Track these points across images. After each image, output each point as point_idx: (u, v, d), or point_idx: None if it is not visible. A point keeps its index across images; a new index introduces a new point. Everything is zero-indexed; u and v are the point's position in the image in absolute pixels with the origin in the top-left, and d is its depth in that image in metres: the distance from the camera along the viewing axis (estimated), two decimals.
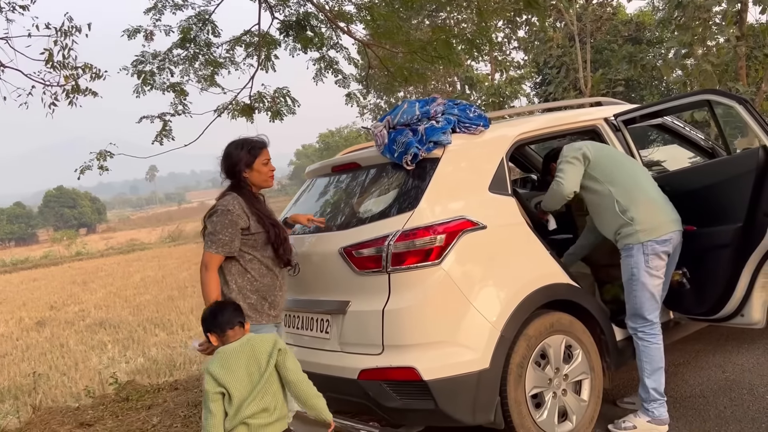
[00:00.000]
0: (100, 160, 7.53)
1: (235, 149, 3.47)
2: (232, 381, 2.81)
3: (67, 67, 6.51)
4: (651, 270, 3.79)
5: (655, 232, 3.79)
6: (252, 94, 8.49)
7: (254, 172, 3.47)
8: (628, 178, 3.94)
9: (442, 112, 3.80)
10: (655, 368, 3.84)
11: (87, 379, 10.81)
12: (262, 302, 3.38)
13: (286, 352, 2.91)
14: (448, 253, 3.39)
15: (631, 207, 3.84)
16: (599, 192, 3.94)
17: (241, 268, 3.37)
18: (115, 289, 24.44)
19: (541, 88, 26.03)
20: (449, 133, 3.69)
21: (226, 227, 3.30)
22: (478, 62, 24.34)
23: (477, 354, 3.34)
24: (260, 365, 2.85)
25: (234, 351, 2.89)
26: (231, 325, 2.97)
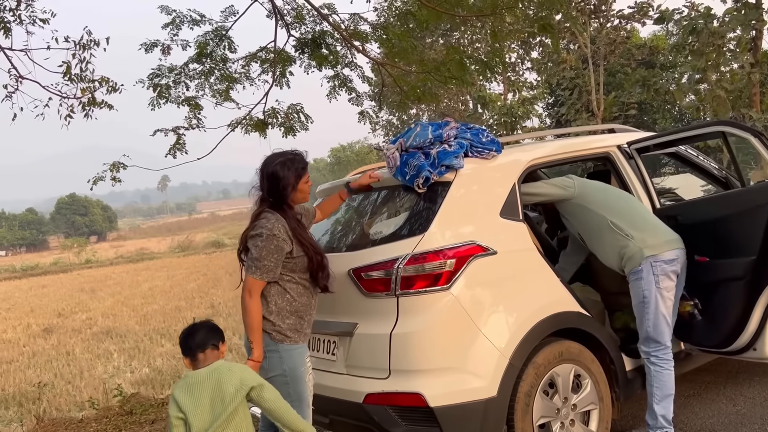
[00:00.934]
0: (113, 171, 7.57)
1: (283, 169, 3.30)
2: (193, 409, 2.74)
3: (85, 80, 6.57)
4: (662, 291, 3.77)
5: (659, 249, 3.79)
6: (266, 109, 8.54)
7: (297, 193, 3.36)
8: (621, 203, 4.00)
9: (455, 136, 3.80)
10: (666, 395, 3.79)
11: (92, 388, 10.82)
12: (300, 322, 3.29)
13: (260, 387, 2.81)
14: (457, 278, 3.37)
15: (626, 226, 3.87)
16: (592, 217, 3.99)
17: (280, 289, 3.27)
18: (123, 297, 24.52)
19: (554, 109, 26.04)
20: (461, 157, 3.68)
21: (271, 253, 3.18)
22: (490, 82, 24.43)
23: (485, 382, 3.31)
24: (224, 398, 2.75)
25: (200, 379, 2.81)
26: (202, 348, 2.88)
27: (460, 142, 3.75)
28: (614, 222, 3.91)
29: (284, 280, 3.27)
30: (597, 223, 3.99)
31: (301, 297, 3.30)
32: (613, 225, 3.90)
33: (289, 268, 3.27)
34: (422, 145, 3.77)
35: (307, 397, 3.27)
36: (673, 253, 3.81)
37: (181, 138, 8.11)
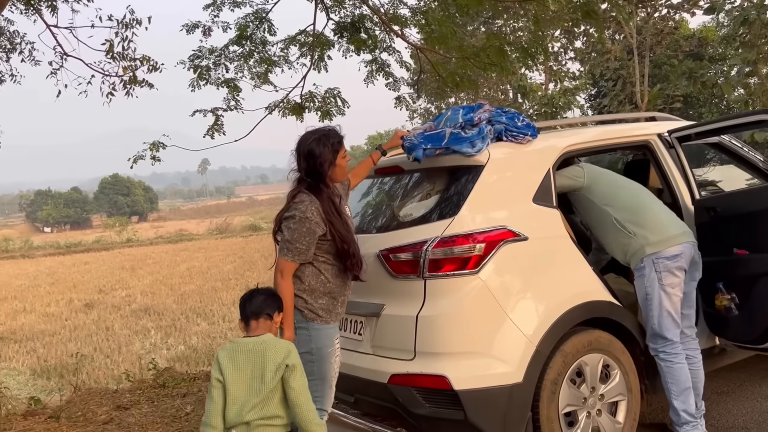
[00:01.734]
0: (153, 151, 7.70)
1: (318, 146, 3.24)
2: (232, 377, 2.76)
3: (126, 59, 6.69)
4: (666, 287, 3.69)
5: (661, 245, 3.72)
6: (303, 93, 8.57)
7: (336, 168, 3.29)
8: (627, 199, 3.93)
9: (487, 119, 3.74)
10: (682, 389, 3.71)
11: (129, 363, 11.09)
12: (333, 303, 3.28)
13: (294, 368, 2.79)
14: (486, 263, 3.34)
15: (630, 223, 3.82)
16: (597, 212, 3.96)
17: (315, 270, 3.25)
18: (161, 277, 25.02)
19: (596, 100, 25.56)
20: (478, 143, 3.58)
21: (303, 236, 3.15)
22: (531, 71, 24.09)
23: (511, 367, 3.29)
24: (264, 375, 2.75)
25: (246, 348, 2.81)
26: (256, 316, 2.89)
27: (481, 128, 3.67)
28: (617, 218, 3.86)
29: (319, 261, 3.25)
30: (601, 218, 3.96)
31: (335, 279, 3.28)
32: (617, 221, 3.85)
33: (324, 249, 3.24)
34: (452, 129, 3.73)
35: (331, 378, 3.27)
36: (678, 249, 3.71)
37: (220, 119, 8.19)
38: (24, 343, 14.96)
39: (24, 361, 13.19)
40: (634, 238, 3.79)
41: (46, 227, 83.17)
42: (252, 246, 34.24)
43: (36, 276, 29.49)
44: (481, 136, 3.61)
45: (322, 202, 3.21)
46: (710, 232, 4.02)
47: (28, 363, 13.01)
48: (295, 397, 2.77)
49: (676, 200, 4.24)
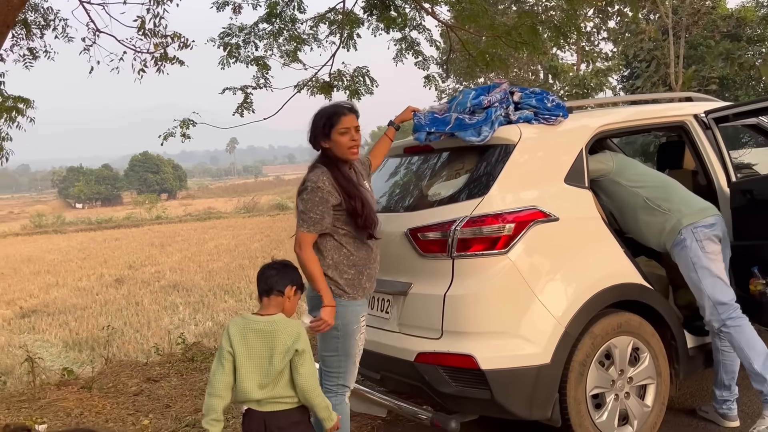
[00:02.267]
0: (183, 128, 7.74)
1: (315, 118, 3.32)
2: (242, 354, 2.73)
3: (158, 35, 6.71)
4: (710, 255, 3.67)
5: (696, 216, 3.73)
6: (332, 71, 8.54)
7: (333, 143, 3.26)
8: (655, 179, 3.96)
9: (499, 100, 3.65)
10: (760, 351, 3.61)
11: (158, 338, 11.30)
12: (359, 276, 3.25)
13: (302, 353, 2.74)
14: (516, 243, 3.31)
15: (662, 200, 3.83)
16: (627, 195, 3.95)
17: (336, 243, 3.24)
18: (190, 254, 25.36)
19: (629, 81, 25.08)
20: (485, 130, 3.51)
21: (316, 205, 3.15)
22: (563, 51, 23.71)
23: (538, 348, 3.27)
24: (273, 357, 2.72)
25: (256, 327, 2.77)
26: (267, 293, 2.85)
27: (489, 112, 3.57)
28: (649, 198, 3.85)
29: (339, 234, 3.24)
30: (631, 201, 3.93)
31: (359, 251, 3.26)
32: (648, 201, 3.85)
33: (343, 221, 3.23)
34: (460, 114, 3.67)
35: (354, 355, 3.27)
36: (712, 219, 3.75)
37: (249, 97, 8.21)
38: (56, 317, 15.33)
39: (56, 334, 13.52)
40: (669, 214, 3.79)
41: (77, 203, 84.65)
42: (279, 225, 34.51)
43: (68, 251, 30.12)
44: (488, 120, 3.54)
45: (333, 171, 3.22)
46: (746, 215, 3.93)
47: (61, 335, 13.34)
48: (303, 383, 2.74)
49: (711, 183, 4.15)
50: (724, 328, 3.67)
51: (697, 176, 4.45)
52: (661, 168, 4.86)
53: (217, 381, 2.74)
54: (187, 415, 4.71)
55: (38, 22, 7.04)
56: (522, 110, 3.67)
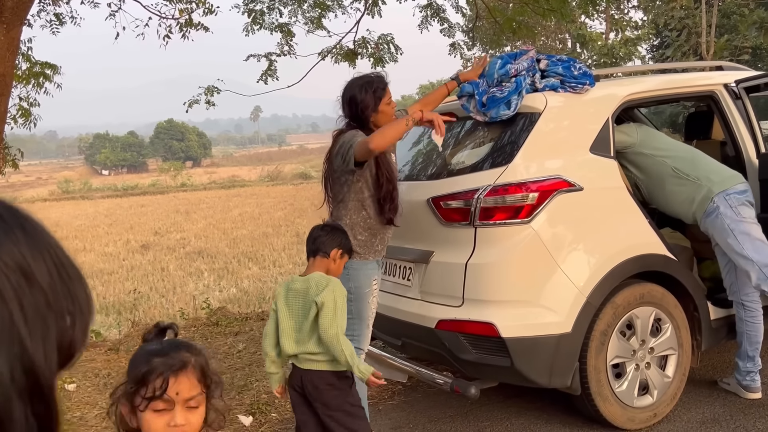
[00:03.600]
0: (208, 95, 7.77)
1: (360, 92, 3.30)
2: (283, 313, 2.86)
3: (183, 1, 6.70)
4: (746, 219, 3.63)
5: (728, 182, 3.68)
6: (356, 39, 8.47)
7: (379, 114, 3.31)
8: (682, 149, 3.92)
9: (526, 68, 3.61)
10: None
11: (183, 303, 11.49)
12: (372, 239, 3.30)
13: (322, 306, 2.76)
14: (539, 213, 3.30)
15: (690, 170, 3.78)
16: (654, 165, 3.91)
17: (358, 205, 3.28)
18: (214, 221, 25.62)
19: (659, 51, 24.54)
20: (514, 101, 3.48)
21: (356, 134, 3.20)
22: (592, 19, 23.21)
23: (560, 317, 3.28)
24: (306, 310, 2.81)
25: (296, 286, 2.86)
26: (313, 253, 2.93)
27: (518, 80, 3.54)
28: (677, 167, 3.80)
29: (364, 196, 3.27)
30: (659, 171, 3.88)
31: (377, 216, 3.30)
32: (676, 171, 3.80)
33: (370, 184, 3.27)
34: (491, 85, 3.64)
35: (368, 317, 3.33)
36: (742, 185, 3.71)
37: (273, 64, 8.19)
38: None
39: None
40: (698, 183, 3.75)
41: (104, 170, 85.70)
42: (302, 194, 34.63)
43: (95, 217, 30.59)
44: (518, 91, 3.51)
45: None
46: None
47: None
48: (322, 334, 2.76)
49: (740, 154, 4.08)
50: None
51: (725, 147, 4.37)
52: (689, 138, 4.79)
53: (265, 339, 2.93)
54: None
55: None
56: (548, 78, 3.63)
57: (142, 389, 1.48)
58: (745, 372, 3.83)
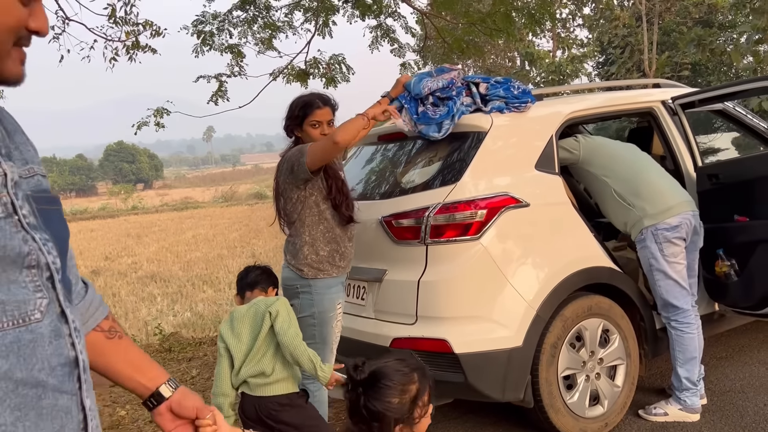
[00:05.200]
0: (157, 117, 7.69)
1: (290, 106, 3.39)
2: (234, 343, 2.84)
3: (129, 23, 6.64)
4: (668, 258, 3.72)
5: (660, 217, 3.72)
6: (308, 59, 8.52)
7: (304, 133, 3.35)
8: (625, 169, 3.91)
9: (443, 87, 3.63)
10: (689, 358, 3.76)
11: (135, 329, 11.22)
12: (335, 253, 3.30)
13: (276, 314, 2.79)
14: (488, 229, 3.37)
15: (628, 195, 3.82)
16: (597, 183, 3.99)
17: (316, 219, 3.28)
18: (167, 244, 25.14)
19: (604, 68, 25.28)
20: (446, 125, 3.58)
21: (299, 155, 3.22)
22: (539, 38, 23.79)
23: (510, 332, 3.33)
24: (256, 327, 2.83)
25: (241, 313, 2.89)
26: (251, 287, 2.99)
27: (450, 105, 3.62)
28: (616, 190, 3.87)
29: (321, 209, 3.29)
30: (601, 189, 3.98)
31: (337, 227, 3.33)
32: (616, 193, 3.87)
33: (323, 196, 3.29)
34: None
35: (332, 342, 3.32)
36: (676, 220, 3.70)
37: (224, 85, 8.17)
38: None
39: None
40: (632, 210, 3.80)
41: None
42: (257, 214, 34.30)
43: None
44: (450, 115, 3.59)
45: None
46: (711, 199, 4.03)
47: None
48: (281, 338, 2.76)
49: (679, 167, 4.24)
50: (668, 326, 3.83)
51: (665, 161, 4.54)
52: None
53: (219, 379, 2.86)
54: None
55: None
56: (492, 101, 3.71)
57: None
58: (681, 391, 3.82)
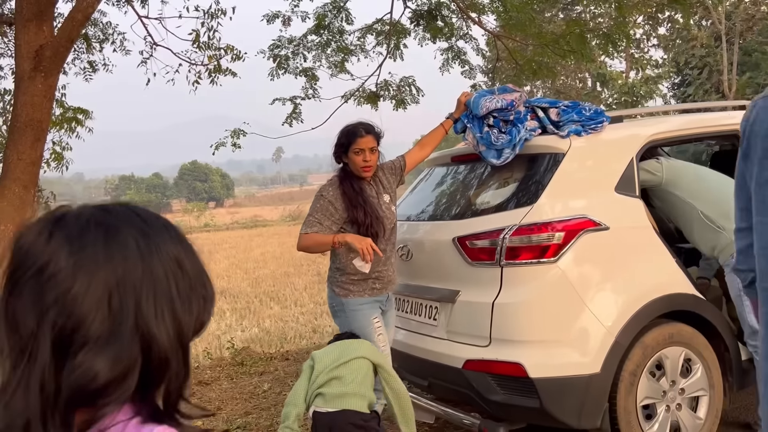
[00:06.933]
0: (234, 138, 7.94)
1: (338, 134, 3.56)
2: (321, 356, 3.03)
3: (211, 48, 6.92)
4: None
5: None
6: (378, 81, 8.64)
7: (349, 160, 3.53)
8: (714, 192, 3.77)
9: (501, 107, 3.64)
10: None
11: (206, 343, 11.51)
12: (366, 279, 3.48)
13: (382, 366, 3.06)
14: (565, 252, 3.31)
15: (718, 217, 3.67)
16: (682, 206, 3.84)
17: (346, 249, 3.45)
18: (237, 261, 25.74)
19: (680, 89, 24.60)
20: (506, 153, 3.61)
21: (316, 210, 3.46)
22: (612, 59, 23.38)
23: (588, 357, 3.26)
24: (346, 349, 3.02)
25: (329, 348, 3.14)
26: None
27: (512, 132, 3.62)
28: (704, 212, 3.72)
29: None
30: (686, 212, 3.83)
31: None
32: (704, 216, 3.72)
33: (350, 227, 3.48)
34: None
35: None
36: None
37: (298, 107, 8.37)
38: None
39: None
40: (723, 233, 3.66)
41: None
42: None
43: None
44: (511, 144, 3.59)
45: (344, 184, 3.50)
46: None
47: None
48: (397, 386, 3.06)
49: None
50: (755, 354, 3.60)
51: None
52: None
53: (294, 390, 2.99)
54: (237, 417, 4.82)
55: (98, 36, 7.33)
56: (567, 125, 3.65)
57: None
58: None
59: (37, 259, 0.79)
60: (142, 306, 0.80)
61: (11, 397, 0.76)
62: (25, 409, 0.75)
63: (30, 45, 4.63)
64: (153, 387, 0.83)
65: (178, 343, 0.82)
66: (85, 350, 0.77)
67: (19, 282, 0.79)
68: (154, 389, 0.83)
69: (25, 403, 0.75)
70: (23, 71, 4.66)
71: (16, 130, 4.73)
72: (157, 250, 0.83)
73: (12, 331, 0.78)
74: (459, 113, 3.88)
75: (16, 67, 4.86)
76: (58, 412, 0.77)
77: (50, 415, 0.76)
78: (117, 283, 0.79)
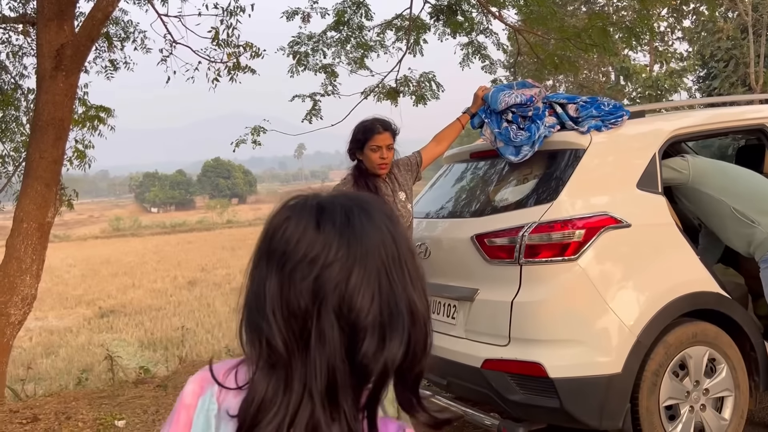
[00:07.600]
0: (254, 135, 7.95)
1: (353, 131, 3.53)
2: None
3: (231, 45, 6.93)
4: None
5: None
6: (398, 77, 8.59)
7: (364, 156, 3.51)
8: (745, 187, 3.69)
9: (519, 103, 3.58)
10: None
11: (228, 339, 11.61)
12: None
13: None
14: (586, 250, 3.25)
15: (752, 212, 3.57)
16: (711, 203, 3.72)
17: None
18: None
19: (705, 82, 24.16)
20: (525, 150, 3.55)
21: None
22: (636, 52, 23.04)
23: (609, 357, 3.20)
24: None
25: None
26: None
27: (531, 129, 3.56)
28: (737, 208, 3.62)
29: None
30: (717, 209, 3.72)
31: None
32: (736, 211, 3.62)
33: None
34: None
35: None
36: None
37: (317, 104, 8.36)
38: (133, 317, 15.97)
39: (133, 334, 14.09)
40: (758, 228, 3.57)
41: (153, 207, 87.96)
42: None
43: (144, 254, 31.30)
44: (530, 141, 3.53)
45: (358, 181, 3.50)
46: None
47: (136, 335, 13.89)
48: None
49: None
50: None
51: None
52: None
53: None
54: None
55: (119, 35, 7.38)
56: (586, 120, 3.59)
57: None
58: None
59: (309, 248, 0.86)
60: (407, 283, 0.87)
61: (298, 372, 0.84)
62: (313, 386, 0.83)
63: (51, 44, 4.67)
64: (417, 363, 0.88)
65: (410, 318, 0.87)
66: (373, 335, 0.84)
67: (291, 270, 0.86)
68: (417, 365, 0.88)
69: (313, 381, 0.83)
70: (45, 70, 4.71)
71: (38, 129, 4.78)
72: (395, 230, 0.90)
73: (290, 314, 0.86)
74: (476, 108, 3.83)
75: (38, 66, 4.90)
76: (351, 389, 0.85)
77: (342, 393, 0.84)
78: (383, 264, 0.86)
